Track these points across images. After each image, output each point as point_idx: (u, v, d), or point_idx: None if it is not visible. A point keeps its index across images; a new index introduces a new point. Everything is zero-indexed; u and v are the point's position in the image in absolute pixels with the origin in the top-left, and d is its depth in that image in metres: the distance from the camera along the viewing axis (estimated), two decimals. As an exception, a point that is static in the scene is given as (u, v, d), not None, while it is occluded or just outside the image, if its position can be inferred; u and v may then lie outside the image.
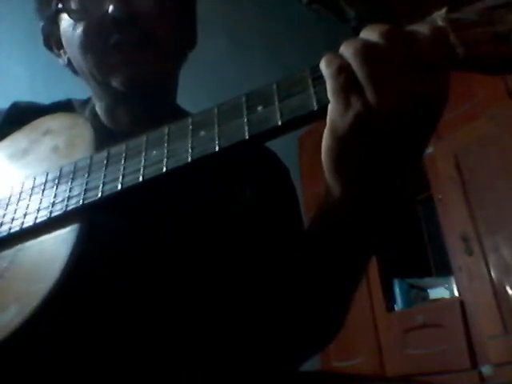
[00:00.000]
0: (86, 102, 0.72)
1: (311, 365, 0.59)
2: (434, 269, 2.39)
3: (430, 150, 2.12)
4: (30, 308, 0.41)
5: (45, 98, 0.74)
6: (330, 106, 0.39)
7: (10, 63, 1.87)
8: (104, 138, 0.54)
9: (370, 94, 0.37)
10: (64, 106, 0.71)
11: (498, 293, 1.77)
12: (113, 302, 0.50)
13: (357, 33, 0.40)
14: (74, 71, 0.69)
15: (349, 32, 2.97)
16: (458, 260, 1.94)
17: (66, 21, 0.63)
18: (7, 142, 0.61)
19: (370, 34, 0.39)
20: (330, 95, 0.38)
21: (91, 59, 0.61)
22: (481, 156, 1.91)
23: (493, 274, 1.81)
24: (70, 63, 0.68)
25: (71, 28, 0.62)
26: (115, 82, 0.60)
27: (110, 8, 0.58)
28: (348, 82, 0.38)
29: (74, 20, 0.61)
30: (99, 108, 0.68)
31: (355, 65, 0.37)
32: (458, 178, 1.96)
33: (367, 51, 0.37)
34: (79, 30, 0.61)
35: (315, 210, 0.50)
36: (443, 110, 0.40)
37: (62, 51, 0.69)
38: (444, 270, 2.17)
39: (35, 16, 0.71)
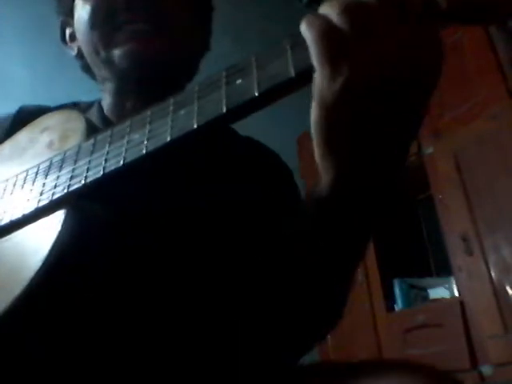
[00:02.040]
0: (91, 104, 0.71)
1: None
2: (434, 269, 2.39)
3: (429, 149, 2.12)
4: (11, 297, 0.41)
5: (45, 99, 0.75)
6: (315, 74, 0.35)
7: (11, 64, 1.87)
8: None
9: (361, 59, 0.33)
10: (70, 109, 0.71)
11: (498, 293, 1.77)
12: (98, 293, 0.50)
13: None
14: (83, 65, 0.70)
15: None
16: (458, 260, 1.93)
17: (79, 5, 0.64)
18: (8, 143, 0.62)
19: None
20: (314, 61, 0.35)
21: (97, 36, 0.62)
22: (481, 156, 1.91)
23: (493, 274, 1.81)
24: (79, 53, 0.69)
25: (82, 8, 0.63)
26: (118, 58, 0.60)
27: None
28: (334, 45, 0.34)
29: None
30: (106, 104, 0.68)
31: (344, 24, 0.34)
32: (458, 177, 1.96)
33: (356, 8, 0.34)
34: (88, 7, 0.62)
35: (306, 194, 0.48)
36: (438, 73, 0.36)
37: (74, 43, 0.71)
38: (444, 270, 2.17)
39: (56, 15, 0.73)
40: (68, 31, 0.72)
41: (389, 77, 0.34)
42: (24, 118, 0.67)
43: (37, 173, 0.52)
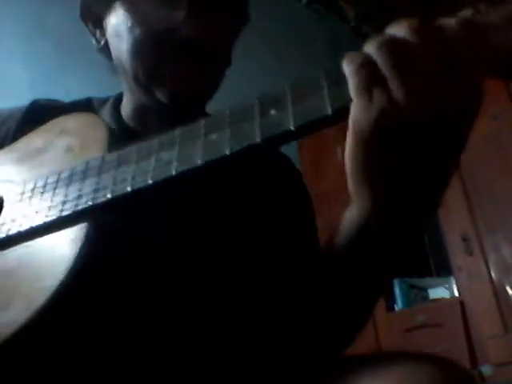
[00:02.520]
0: (105, 101, 0.70)
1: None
2: (434, 269, 2.39)
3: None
4: (35, 306, 0.41)
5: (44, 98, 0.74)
6: (352, 105, 0.36)
7: (11, 64, 1.87)
8: (124, 136, 0.53)
9: (395, 88, 0.34)
10: (84, 105, 0.69)
11: (498, 293, 1.78)
12: (119, 303, 0.50)
13: (357, 33, 0.38)
14: (106, 55, 0.65)
15: (349, 32, 2.97)
16: (458, 260, 1.94)
17: (121, 13, 0.59)
18: (22, 142, 0.61)
19: (397, 29, 0.36)
20: (352, 93, 0.36)
21: (140, 64, 0.58)
22: (481, 156, 1.91)
23: (493, 274, 1.81)
24: (104, 48, 0.64)
25: (129, 24, 0.58)
26: (159, 94, 0.58)
27: (182, 28, 0.55)
28: (371, 76, 0.35)
29: (135, 21, 0.57)
30: (128, 105, 0.66)
31: (380, 57, 0.35)
32: (458, 178, 1.96)
33: (393, 44, 0.35)
34: (137, 31, 0.57)
35: (339, 224, 0.47)
36: (473, 118, 0.36)
37: (98, 31, 0.65)
38: (444, 270, 2.17)
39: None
40: (94, 11, 0.64)
41: (423, 115, 0.34)
42: (36, 112, 0.66)
43: (57, 181, 0.51)
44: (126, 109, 0.66)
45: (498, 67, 0.35)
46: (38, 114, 0.63)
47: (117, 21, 0.60)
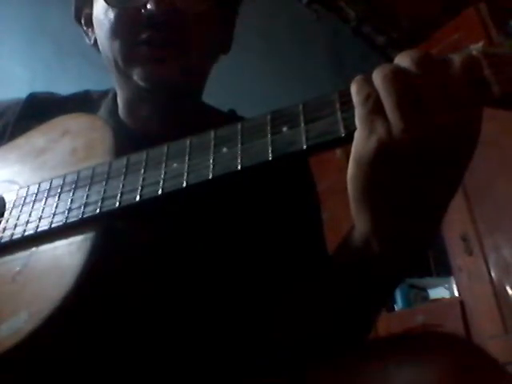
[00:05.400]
0: (103, 95, 0.70)
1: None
2: (434, 269, 2.39)
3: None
4: (41, 316, 0.41)
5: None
6: (356, 133, 0.38)
7: (11, 63, 1.87)
8: (120, 135, 0.53)
9: (393, 122, 0.36)
10: (82, 98, 0.70)
11: (497, 293, 1.77)
12: (125, 312, 0.50)
13: (357, 33, 0.38)
14: (98, 51, 0.66)
15: (349, 32, 2.97)
16: (458, 260, 1.94)
17: (99, 3, 0.61)
18: (23, 139, 0.60)
19: (402, 59, 0.38)
20: (356, 121, 0.38)
21: (117, 47, 0.59)
22: (480, 156, 1.90)
23: (493, 274, 1.81)
24: (95, 43, 0.66)
25: (104, 10, 0.60)
26: (136, 76, 0.59)
27: (150, 4, 0.56)
28: (374, 108, 0.37)
29: (108, 4, 0.59)
30: (120, 100, 0.66)
31: (382, 90, 0.37)
32: (458, 178, 1.96)
33: (395, 78, 0.37)
34: (111, 15, 0.59)
35: (342, 240, 0.48)
36: (472, 149, 0.38)
37: (90, 29, 0.68)
38: (444, 270, 2.17)
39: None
40: (85, 11, 0.68)
41: (421, 145, 0.36)
42: (35, 105, 0.67)
43: (62, 186, 0.50)
44: (121, 109, 0.67)
45: (500, 101, 0.35)
46: (36, 109, 0.64)
47: (96, 11, 0.63)
